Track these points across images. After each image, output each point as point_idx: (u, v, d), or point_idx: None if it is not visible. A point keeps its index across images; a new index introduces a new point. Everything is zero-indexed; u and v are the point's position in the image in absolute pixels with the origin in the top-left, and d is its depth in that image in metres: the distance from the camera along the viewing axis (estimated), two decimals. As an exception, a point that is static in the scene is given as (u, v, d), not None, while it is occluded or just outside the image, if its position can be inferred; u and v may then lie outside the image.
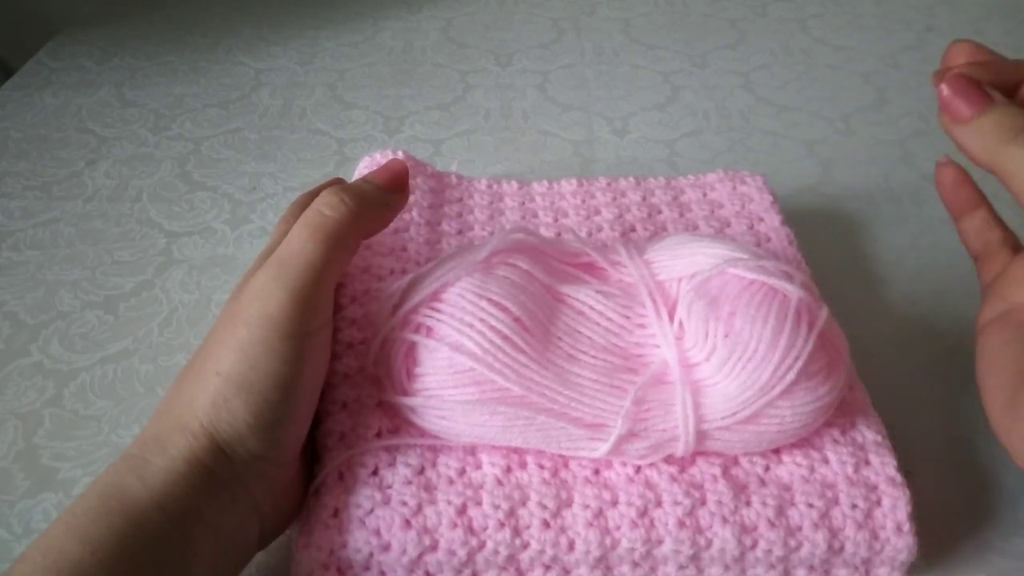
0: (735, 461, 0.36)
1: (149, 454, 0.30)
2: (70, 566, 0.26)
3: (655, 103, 0.75)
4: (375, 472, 0.35)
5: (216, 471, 0.30)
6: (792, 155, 0.67)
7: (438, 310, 0.35)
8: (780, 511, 0.34)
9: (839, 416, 0.37)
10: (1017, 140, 0.31)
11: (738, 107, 0.74)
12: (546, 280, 0.38)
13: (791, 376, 0.33)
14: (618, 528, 0.33)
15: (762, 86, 0.77)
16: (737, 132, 0.70)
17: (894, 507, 0.34)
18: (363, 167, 0.53)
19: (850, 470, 0.35)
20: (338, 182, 0.40)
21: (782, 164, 0.66)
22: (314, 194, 0.38)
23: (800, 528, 0.34)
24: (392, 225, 0.46)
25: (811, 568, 0.35)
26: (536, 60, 0.82)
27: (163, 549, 0.28)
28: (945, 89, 0.33)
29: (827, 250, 0.55)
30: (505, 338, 0.34)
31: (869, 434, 0.37)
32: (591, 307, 0.37)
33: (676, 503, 0.34)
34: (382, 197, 0.38)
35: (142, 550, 0.27)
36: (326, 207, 0.34)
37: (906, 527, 0.34)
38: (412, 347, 0.35)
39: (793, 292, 0.35)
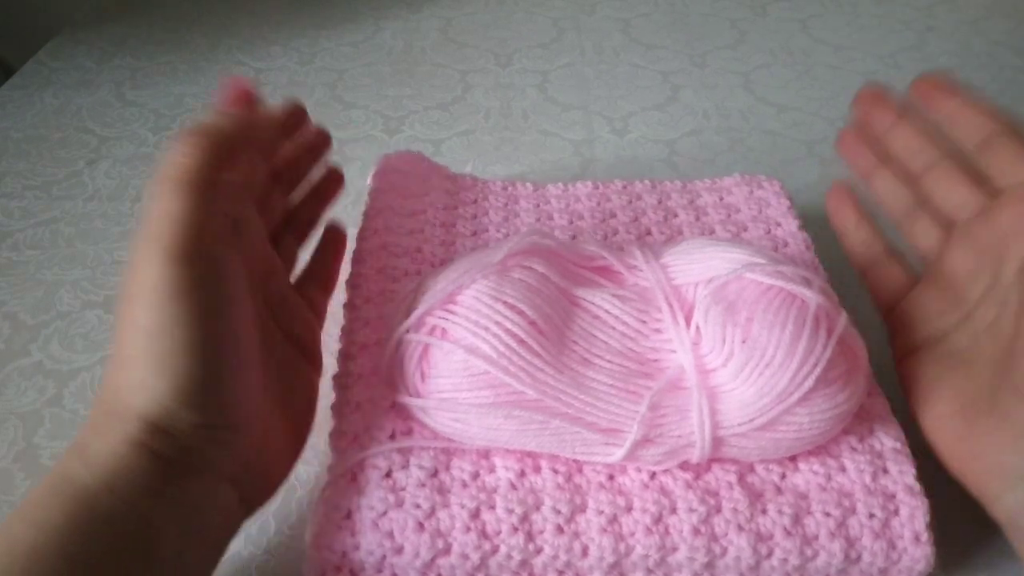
0: (751, 468, 0.36)
1: (91, 440, 0.29)
2: (25, 548, 0.26)
3: (655, 103, 0.74)
4: (388, 474, 0.35)
5: (159, 449, 0.29)
6: (792, 155, 0.67)
7: (453, 312, 0.35)
8: (796, 519, 0.34)
9: (857, 423, 0.37)
10: None
11: (738, 107, 0.74)
12: (562, 283, 0.37)
13: (809, 383, 0.33)
14: (632, 534, 0.33)
15: (762, 86, 0.77)
16: (737, 132, 0.70)
17: (912, 517, 0.34)
18: (377, 170, 0.52)
19: (868, 479, 0.35)
20: None
21: (782, 164, 0.66)
22: None
23: (816, 537, 0.33)
24: (407, 226, 0.46)
25: (827, 577, 0.35)
26: (536, 60, 0.82)
27: (118, 527, 0.28)
28: None
29: (828, 250, 0.54)
30: (520, 341, 0.34)
31: (888, 441, 0.36)
32: (607, 311, 0.37)
33: (691, 510, 0.34)
34: (232, 119, 0.34)
35: (95, 530, 0.27)
36: (174, 154, 0.31)
37: (924, 537, 0.34)
38: (426, 349, 0.35)
39: (811, 298, 0.35)
